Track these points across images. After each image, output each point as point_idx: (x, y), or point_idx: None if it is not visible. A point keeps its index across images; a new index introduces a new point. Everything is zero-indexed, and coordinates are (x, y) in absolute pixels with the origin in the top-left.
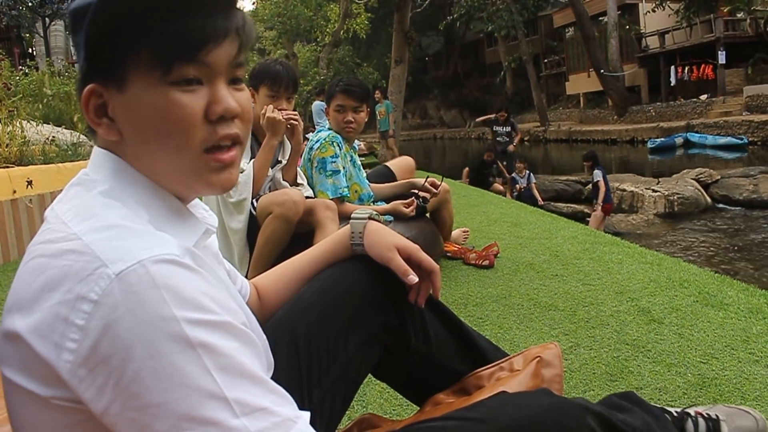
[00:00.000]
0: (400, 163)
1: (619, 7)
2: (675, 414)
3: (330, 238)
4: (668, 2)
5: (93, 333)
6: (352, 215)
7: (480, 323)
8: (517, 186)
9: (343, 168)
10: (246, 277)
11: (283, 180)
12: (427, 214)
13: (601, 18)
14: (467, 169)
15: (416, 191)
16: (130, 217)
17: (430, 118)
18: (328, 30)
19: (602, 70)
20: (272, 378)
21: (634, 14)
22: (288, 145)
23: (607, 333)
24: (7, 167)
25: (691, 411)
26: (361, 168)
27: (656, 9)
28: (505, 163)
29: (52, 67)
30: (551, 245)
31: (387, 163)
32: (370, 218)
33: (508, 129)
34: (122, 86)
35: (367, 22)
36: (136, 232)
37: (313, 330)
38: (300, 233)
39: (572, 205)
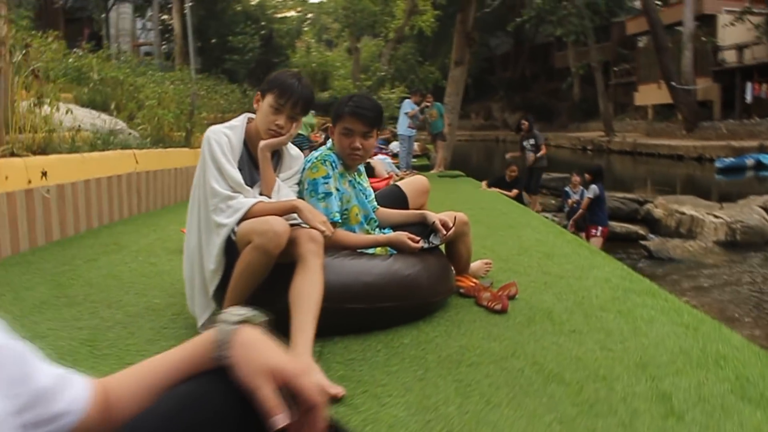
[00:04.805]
0: (414, 184)
1: (696, 18)
2: None
3: (191, 342)
4: (749, 16)
5: None
6: (220, 317)
7: (466, 392)
8: (569, 201)
9: (337, 190)
10: (221, 306)
11: (260, 195)
12: (441, 247)
13: (676, 28)
14: (485, 182)
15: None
16: None
17: (494, 119)
18: (392, 26)
19: (673, 83)
20: None
21: (711, 26)
22: (285, 162)
23: (612, 425)
24: (26, 156)
25: None
26: (366, 189)
27: (736, 22)
28: (529, 177)
29: (111, 49)
30: (578, 288)
31: (399, 183)
32: (244, 322)
33: (532, 142)
34: None
35: (433, 20)
36: None
37: None
38: (283, 263)
39: (627, 225)
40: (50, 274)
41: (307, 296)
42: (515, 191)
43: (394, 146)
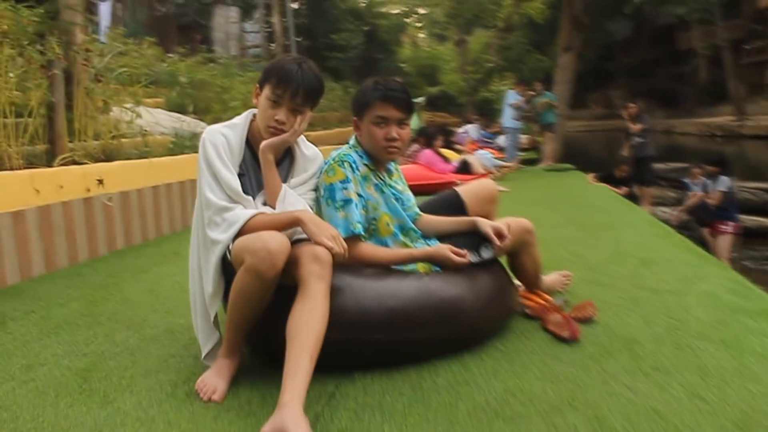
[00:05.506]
0: (476, 190)
1: None
2: None
3: None
4: None
5: None
6: None
7: None
8: (690, 194)
9: (359, 196)
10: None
11: (264, 205)
12: (503, 260)
13: None
14: (592, 175)
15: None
16: None
17: (615, 108)
18: (500, 15)
19: None
20: None
21: None
22: (299, 164)
23: None
24: (85, 164)
25: None
26: (402, 193)
27: None
28: (637, 168)
29: (217, 54)
30: (675, 308)
31: (458, 188)
32: None
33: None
34: None
35: (543, 6)
36: None
37: None
38: (288, 285)
39: (758, 219)
40: (91, 288)
41: (304, 330)
42: (625, 189)
43: (502, 140)
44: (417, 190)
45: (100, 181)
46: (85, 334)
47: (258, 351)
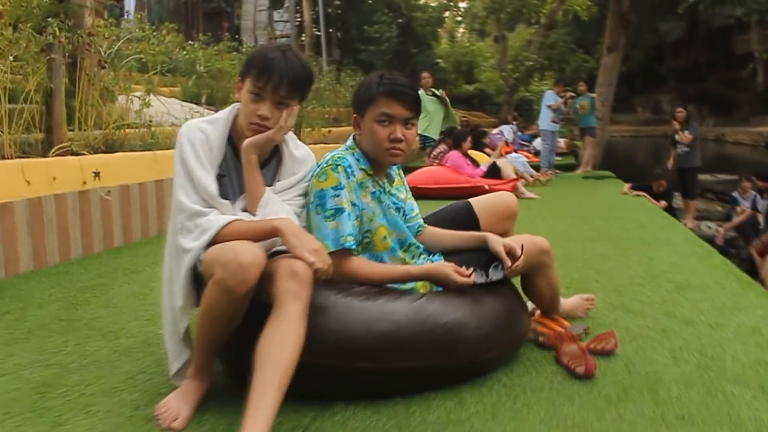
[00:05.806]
0: (492, 203)
1: None
2: None
3: None
4: None
5: None
6: None
7: None
8: (738, 209)
9: (352, 204)
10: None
11: (243, 211)
12: (512, 280)
13: None
14: (628, 185)
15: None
16: None
17: (664, 113)
18: (544, 11)
19: None
20: None
21: None
22: (286, 165)
23: None
24: (83, 155)
25: None
26: (403, 202)
27: None
28: (682, 179)
29: (247, 43)
30: (710, 343)
31: (472, 200)
32: None
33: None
34: None
35: (590, 3)
36: None
37: None
38: (263, 301)
39: None
40: (77, 289)
41: (273, 357)
42: (664, 203)
43: (538, 143)
44: (442, 193)
45: (97, 174)
46: (56, 342)
47: (233, 371)
